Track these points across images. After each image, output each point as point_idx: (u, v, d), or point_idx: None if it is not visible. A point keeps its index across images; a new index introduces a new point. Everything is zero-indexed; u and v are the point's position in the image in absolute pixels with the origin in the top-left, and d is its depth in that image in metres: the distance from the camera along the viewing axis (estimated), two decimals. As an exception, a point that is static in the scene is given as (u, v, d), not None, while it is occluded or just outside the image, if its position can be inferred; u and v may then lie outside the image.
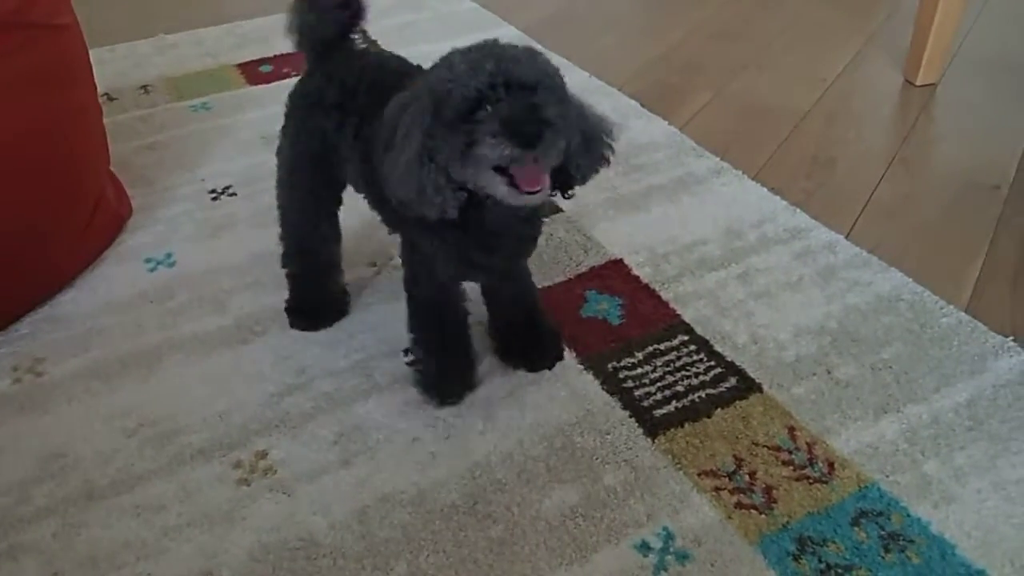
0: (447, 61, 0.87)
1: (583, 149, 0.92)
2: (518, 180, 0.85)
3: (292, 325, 1.23)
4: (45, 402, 1.13)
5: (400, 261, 1.10)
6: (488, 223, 0.94)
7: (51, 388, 1.15)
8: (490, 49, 0.86)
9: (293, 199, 1.17)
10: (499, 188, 0.86)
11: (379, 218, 1.10)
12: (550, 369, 1.15)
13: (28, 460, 1.05)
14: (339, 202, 1.18)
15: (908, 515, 0.94)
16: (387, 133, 0.91)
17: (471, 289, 1.12)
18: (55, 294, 1.31)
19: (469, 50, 0.86)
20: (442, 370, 1.10)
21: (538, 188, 0.85)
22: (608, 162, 0.95)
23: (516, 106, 0.82)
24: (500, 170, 0.85)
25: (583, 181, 0.95)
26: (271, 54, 2.07)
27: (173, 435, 1.07)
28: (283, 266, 1.23)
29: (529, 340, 1.15)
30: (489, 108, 0.83)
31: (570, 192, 0.96)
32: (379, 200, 1.04)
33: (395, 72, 1.04)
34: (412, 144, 0.87)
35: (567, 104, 0.88)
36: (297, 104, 1.13)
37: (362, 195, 1.10)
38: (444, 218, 0.91)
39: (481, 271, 1.03)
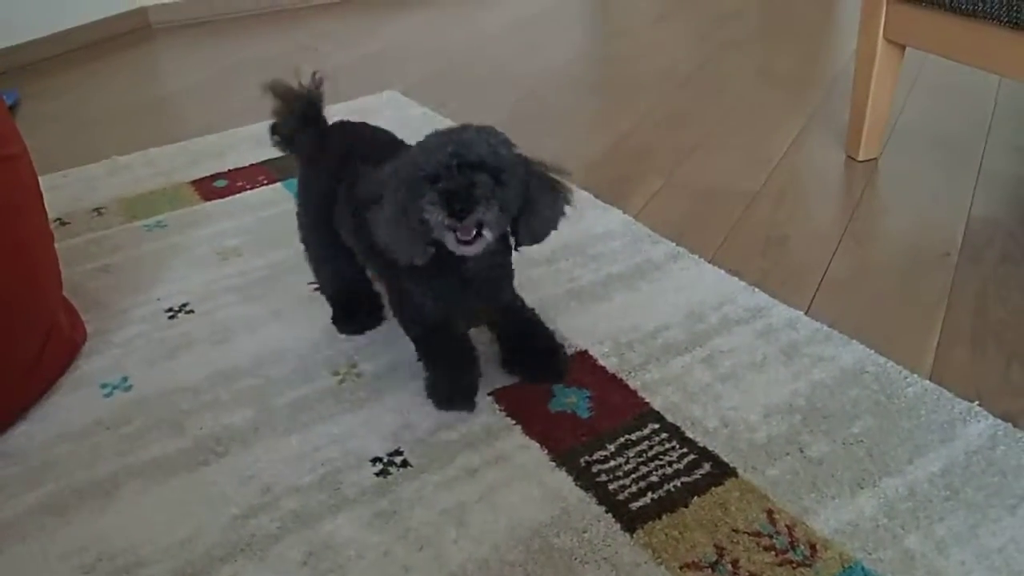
0: (426, 140, 1.11)
1: (527, 218, 1.13)
2: (457, 234, 1.07)
3: (340, 331, 1.43)
4: (-3, 543, 1.08)
5: (362, 371, 1.18)
6: (461, 269, 1.16)
7: (2, 528, 1.10)
8: (455, 134, 1.09)
9: (312, 240, 1.42)
10: (448, 240, 1.08)
11: (369, 271, 1.40)
12: (560, 380, 1.28)
13: (-20, 607, 1.00)
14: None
15: (896, 594, 0.92)
16: (377, 191, 1.13)
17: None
18: (7, 428, 1.26)
19: (442, 133, 1.10)
20: (448, 377, 1.24)
21: (467, 240, 1.07)
22: (547, 232, 1.17)
23: (455, 183, 1.05)
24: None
25: (527, 243, 1.17)
26: (225, 169, 2.08)
27: (133, 568, 1.02)
28: (320, 291, 1.48)
29: (535, 352, 1.30)
30: (442, 183, 1.05)
31: (518, 248, 1.20)
32: (368, 251, 1.24)
33: (378, 144, 1.33)
34: (392, 204, 1.10)
35: (508, 183, 1.08)
36: (304, 169, 1.40)
37: (353, 249, 1.32)
38: (427, 265, 1.13)
39: (461, 310, 1.24)
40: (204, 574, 1.01)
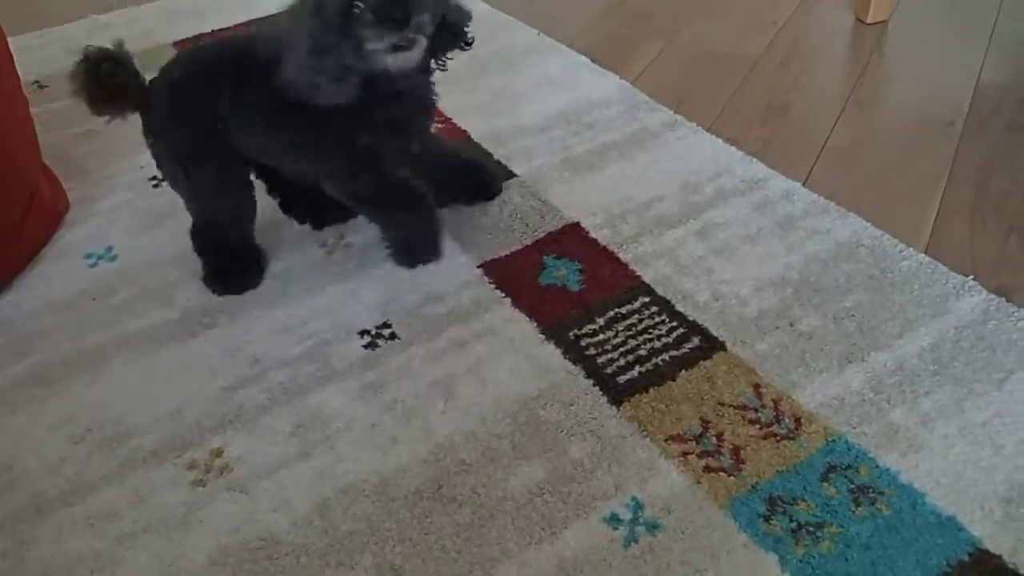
0: None
1: (445, 33, 1.08)
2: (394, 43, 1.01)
3: (217, 292, 1.25)
4: (-13, 413, 1.09)
5: (351, 242, 1.15)
6: (395, 91, 1.10)
7: (-7, 398, 1.11)
8: None
9: (196, 186, 1.22)
10: (381, 58, 1.03)
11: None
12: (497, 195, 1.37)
13: (-27, 476, 1.01)
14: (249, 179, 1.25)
15: (876, 466, 0.93)
16: (283, 35, 1.06)
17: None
18: (-8, 299, 1.26)
19: None
20: (415, 230, 1.25)
21: (406, 44, 1.01)
22: (466, 45, 1.13)
23: None
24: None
25: (451, 47, 1.12)
26: (208, 29, 1.99)
27: (123, 438, 1.04)
28: (192, 234, 1.26)
29: (467, 174, 1.36)
30: (362, 4, 0.98)
31: (438, 66, 1.14)
32: (292, 144, 1.16)
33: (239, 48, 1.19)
34: (302, 46, 1.02)
35: None
36: (161, 124, 1.22)
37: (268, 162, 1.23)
38: (360, 105, 1.07)
39: (408, 138, 1.18)
40: (193, 444, 1.02)
